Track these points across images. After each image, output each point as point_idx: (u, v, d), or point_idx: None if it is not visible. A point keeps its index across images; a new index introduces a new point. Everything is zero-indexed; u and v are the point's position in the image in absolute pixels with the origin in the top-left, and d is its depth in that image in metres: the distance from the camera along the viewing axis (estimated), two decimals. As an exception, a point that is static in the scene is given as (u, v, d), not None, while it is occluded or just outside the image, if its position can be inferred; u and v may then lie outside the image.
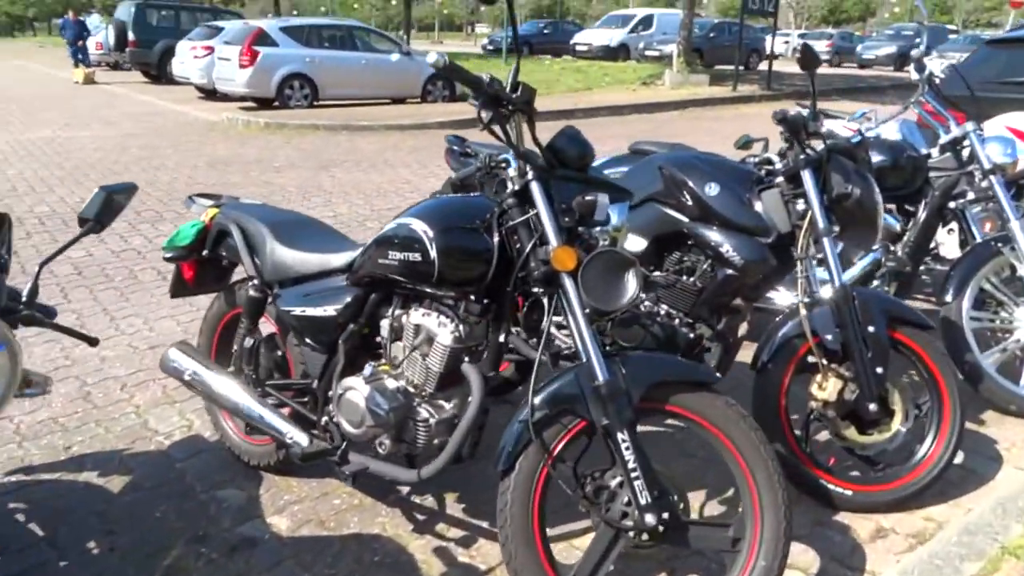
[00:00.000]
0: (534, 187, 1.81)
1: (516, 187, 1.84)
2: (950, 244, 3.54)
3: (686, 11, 16.76)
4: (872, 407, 2.30)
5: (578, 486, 1.81)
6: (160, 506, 2.39)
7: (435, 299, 2.00)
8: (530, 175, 1.82)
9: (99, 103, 14.27)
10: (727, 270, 2.43)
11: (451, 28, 75.00)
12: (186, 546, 2.20)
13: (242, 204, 2.55)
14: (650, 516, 1.71)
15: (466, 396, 1.95)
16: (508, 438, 1.79)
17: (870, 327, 2.31)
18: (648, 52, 23.38)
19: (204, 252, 2.49)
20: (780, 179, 2.44)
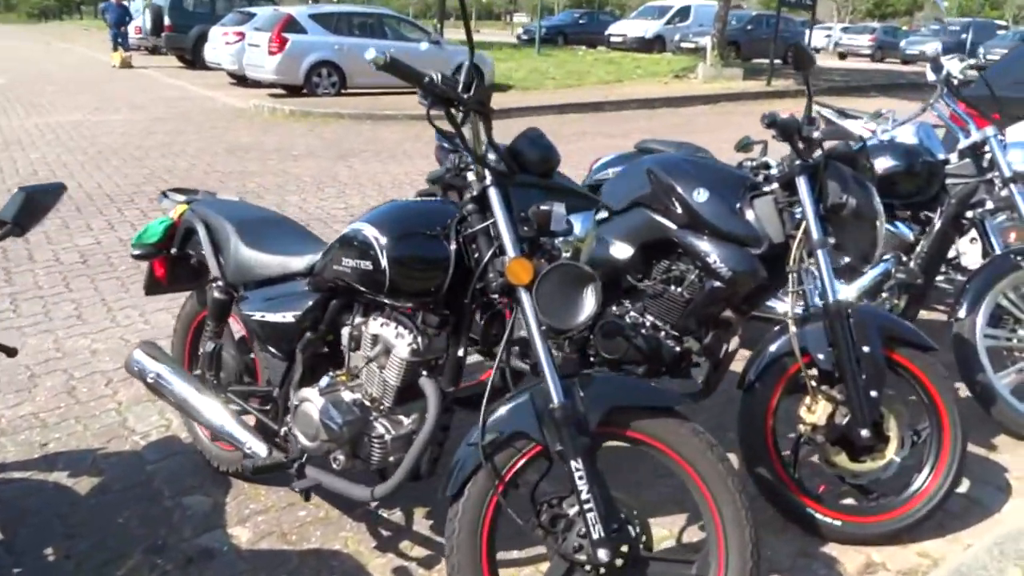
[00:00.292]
0: (492, 193, 1.71)
1: (474, 193, 1.74)
2: (972, 254, 3.35)
3: (721, 2, 16.39)
4: (864, 433, 2.15)
5: (535, 513, 1.71)
6: (124, 511, 2.33)
7: (394, 308, 1.91)
8: (488, 180, 1.71)
9: (132, 87, 14.43)
10: (714, 282, 2.30)
11: (489, 17, 74.71)
12: (143, 556, 2.14)
13: (214, 201, 2.48)
14: (603, 552, 1.60)
15: (425, 411, 1.86)
16: (457, 461, 1.69)
17: (865, 347, 2.16)
18: (684, 44, 22.95)
19: (172, 250, 2.43)
20: (774, 186, 2.30)
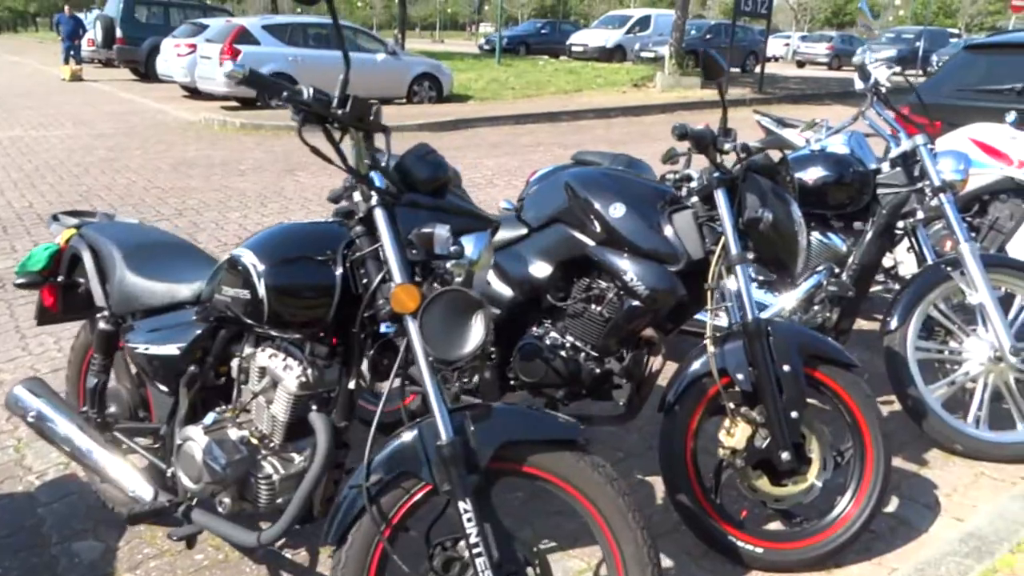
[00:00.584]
0: (377, 215, 1.60)
1: (361, 214, 1.63)
2: (910, 263, 3.31)
3: (678, 12, 16.50)
4: (785, 456, 2.08)
5: (428, 557, 1.59)
6: (5, 560, 2.17)
7: (282, 339, 1.79)
8: (373, 201, 1.61)
9: (80, 101, 14.07)
10: (632, 300, 2.21)
11: (455, 27, 74.76)
12: (19, 608, 1.98)
13: (107, 224, 2.33)
14: (494, 598, 1.49)
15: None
16: (339, 506, 1.57)
17: (785, 365, 2.08)
18: (643, 53, 23.10)
19: (60, 278, 2.28)
20: (694, 200, 2.23)
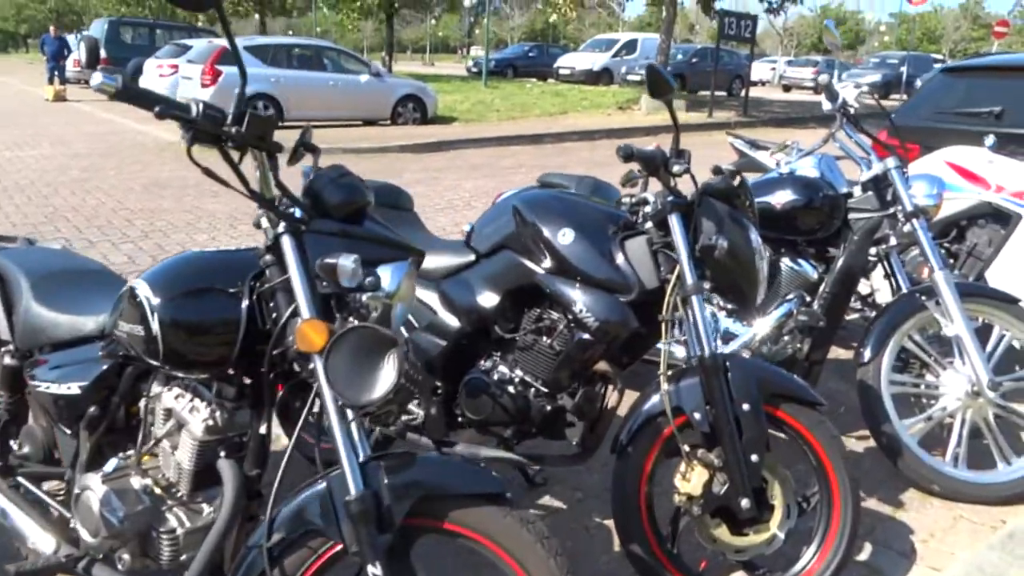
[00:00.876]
0: (285, 243, 1.46)
1: (268, 242, 1.49)
2: (887, 291, 3.18)
3: (662, 36, 16.54)
4: (745, 503, 1.92)
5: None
6: None
7: (188, 378, 1.63)
8: (280, 228, 1.46)
9: (61, 121, 13.92)
10: (582, 333, 2.06)
11: (446, 50, 75.23)
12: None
13: (21, 251, 2.18)
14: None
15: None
16: (238, 568, 1.41)
17: (745, 404, 1.93)
18: (630, 76, 23.16)
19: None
20: (649, 225, 2.09)
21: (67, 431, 1.82)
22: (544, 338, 2.17)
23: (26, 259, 2.08)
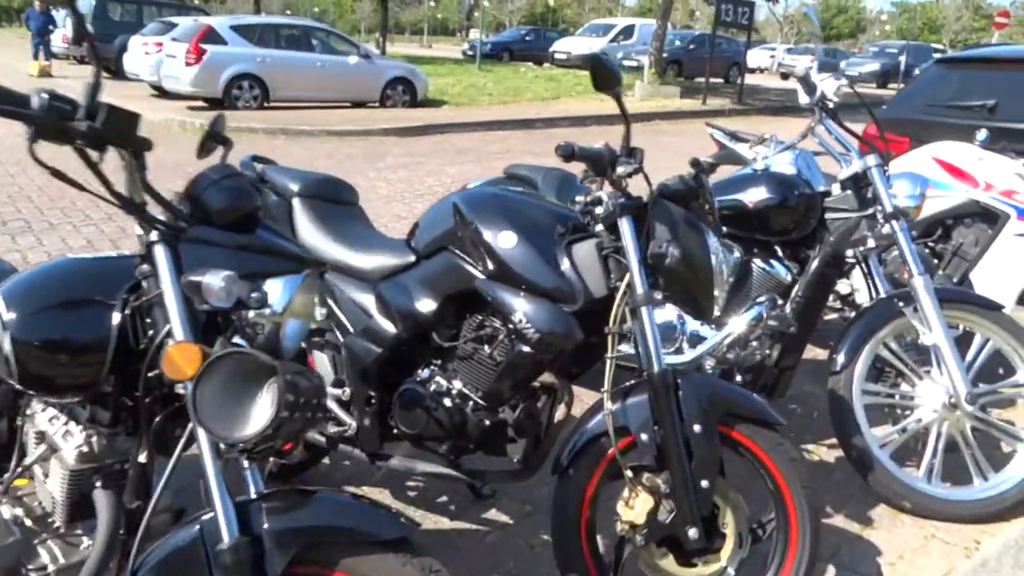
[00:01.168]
0: (158, 253, 1.28)
1: (141, 251, 1.32)
2: (866, 292, 3.02)
3: (659, 21, 16.28)
4: (693, 533, 1.76)
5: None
6: None
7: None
8: (153, 236, 1.29)
9: (42, 99, 13.64)
10: (521, 344, 1.89)
11: (445, 32, 74.52)
12: None
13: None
14: None
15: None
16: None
17: (696, 425, 1.77)
18: (626, 62, 22.83)
19: None
20: (599, 228, 1.91)
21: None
22: (484, 348, 1.99)
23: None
